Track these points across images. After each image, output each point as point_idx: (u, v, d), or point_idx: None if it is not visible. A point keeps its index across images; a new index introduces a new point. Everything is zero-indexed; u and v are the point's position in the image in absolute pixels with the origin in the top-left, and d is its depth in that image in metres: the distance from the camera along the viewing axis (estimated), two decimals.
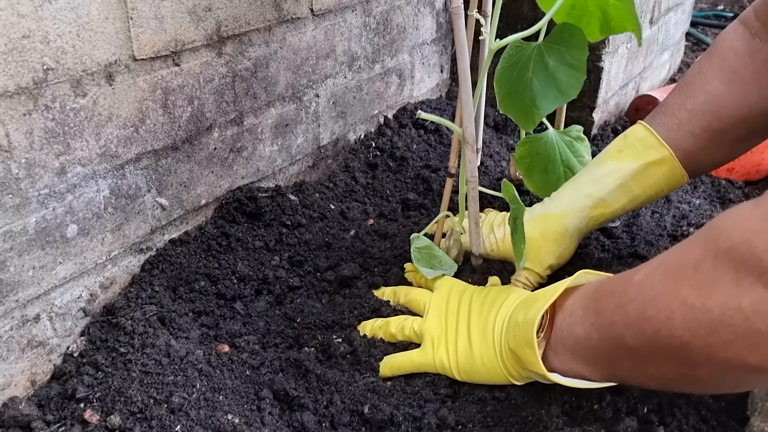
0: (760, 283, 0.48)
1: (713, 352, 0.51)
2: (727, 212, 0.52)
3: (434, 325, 0.80)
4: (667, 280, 0.55)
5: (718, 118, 0.84)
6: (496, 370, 0.73)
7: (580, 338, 0.63)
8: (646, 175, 0.88)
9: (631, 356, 0.59)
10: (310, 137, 1.11)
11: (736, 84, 0.82)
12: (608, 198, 0.89)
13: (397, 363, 0.78)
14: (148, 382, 0.70)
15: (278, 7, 0.94)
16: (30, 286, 0.71)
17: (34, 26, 0.64)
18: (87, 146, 0.73)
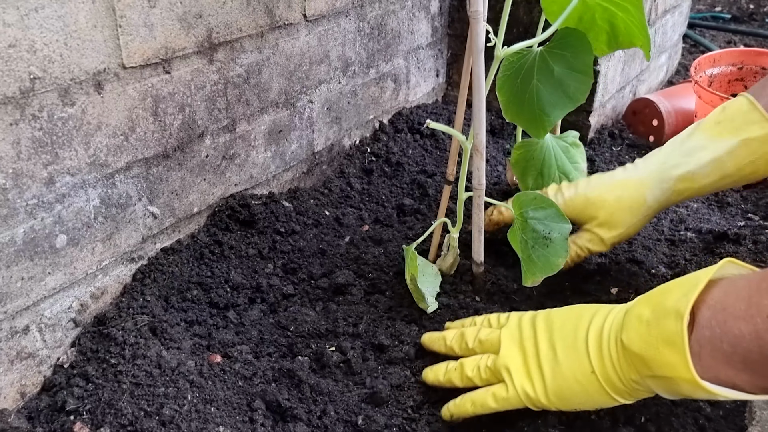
0: None
1: None
2: None
3: (510, 356, 0.69)
4: None
5: None
6: (594, 387, 0.62)
7: (742, 336, 0.53)
8: (745, 152, 0.80)
9: None
10: (305, 143, 1.10)
11: None
12: (698, 172, 0.82)
13: (478, 399, 0.69)
14: (139, 394, 0.69)
15: (270, 13, 0.93)
16: (19, 297, 0.70)
17: (21, 35, 0.64)
18: (76, 155, 0.73)
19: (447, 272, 0.93)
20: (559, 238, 0.78)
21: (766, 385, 0.54)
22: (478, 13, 0.72)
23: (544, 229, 0.79)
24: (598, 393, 0.63)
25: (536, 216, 0.80)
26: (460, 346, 0.75)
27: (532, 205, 0.81)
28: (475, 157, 0.81)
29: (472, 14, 0.72)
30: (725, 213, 1.26)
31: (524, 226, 0.80)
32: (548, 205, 0.80)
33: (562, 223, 0.79)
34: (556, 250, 0.77)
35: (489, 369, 0.69)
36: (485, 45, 0.75)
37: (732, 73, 1.50)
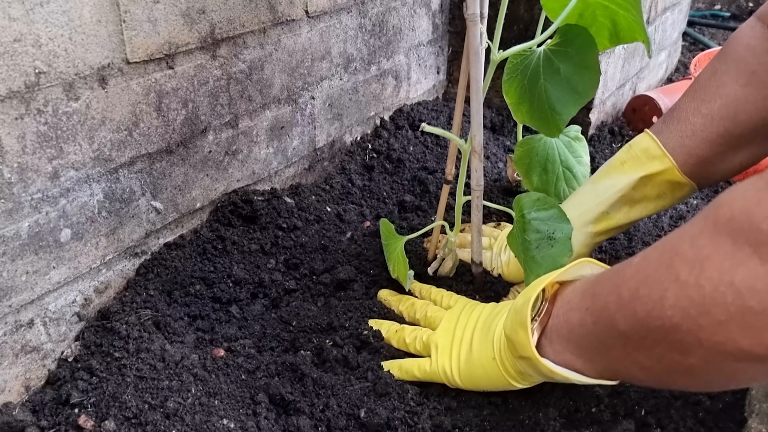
0: (756, 256, 0.45)
1: (704, 336, 0.48)
2: (730, 187, 0.50)
3: (442, 336, 0.78)
4: (663, 257, 0.52)
5: (735, 123, 0.79)
6: (494, 372, 0.70)
7: (574, 325, 0.61)
8: (648, 185, 0.85)
9: (622, 343, 0.56)
10: (306, 139, 1.10)
11: (755, 86, 0.78)
12: (611, 211, 0.87)
13: (405, 366, 0.78)
14: (143, 387, 0.70)
15: (273, 9, 0.94)
16: (23, 291, 0.71)
17: (26, 30, 0.64)
18: (80, 150, 0.73)
19: (446, 275, 0.94)
20: (563, 238, 0.78)
21: (597, 367, 0.60)
22: (475, 16, 0.72)
23: (548, 229, 0.79)
24: (497, 377, 0.70)
25: (539, 217, 0.80)
26: (408, 314, 0.86)
27: (534, 206, 0.81)
28: (474, 159, 0.82)
29: (468, 17, 0.72)
30: None
31: (526, 228, 0.80)
32: (551, 206, 0.80)
33: (565, 224, 0.80)
34: (561, 250, 0.78)
35: (423, 342, 0.79)
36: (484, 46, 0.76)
37: None
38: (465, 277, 0.94)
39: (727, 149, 0.81)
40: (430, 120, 1.35)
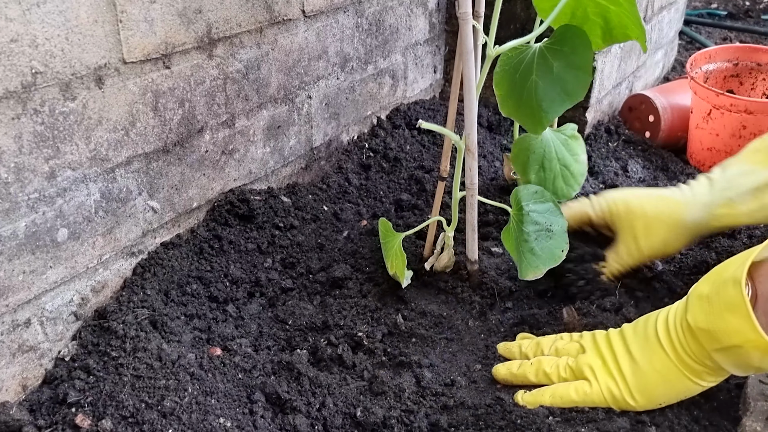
0: None
1: None
2: None
3: (593, 357, 0.73)
4: None
5: None
6: (673, 373, 0.66)
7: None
8: None
9: None
10: (303, 139, 1.11)
11: None
12: (737, 199, 0.83)
13: (560, 392, 0.72)
14: (140, 387, 0.70)
15: (269, 9, 0.94)
16: (20, 291, 0.71)
17: (23, 30, 0.64)
18: (77, 150, 0.73)
19: (442, 271, 0.94)
20: (560, 231, 0.79)
21: None
22: (467, 14, 0.73)
23: (546, 222, 0.79)
24: (677, 379, 0.66)
25: (537, 209, 0.80)
26: (534, 353, 0.78)
27: (532, 198, 0.82)
28: (468, 157, 0.82)
29: (460, 15, 0.73)
30: None
31: (524, 220, 0.80)
32: (548, 199, 0.81)
33: (560, 218, 0.80)
34: (558, 242, 0.78)
35: (570, 368, 0.73)
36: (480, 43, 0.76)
37: (727, 69, 1.50)
38: (461, 273, 0.94)
39: None
40: (426, 119, 1.35)
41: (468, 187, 0.84)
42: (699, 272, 1.01)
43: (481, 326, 0.88)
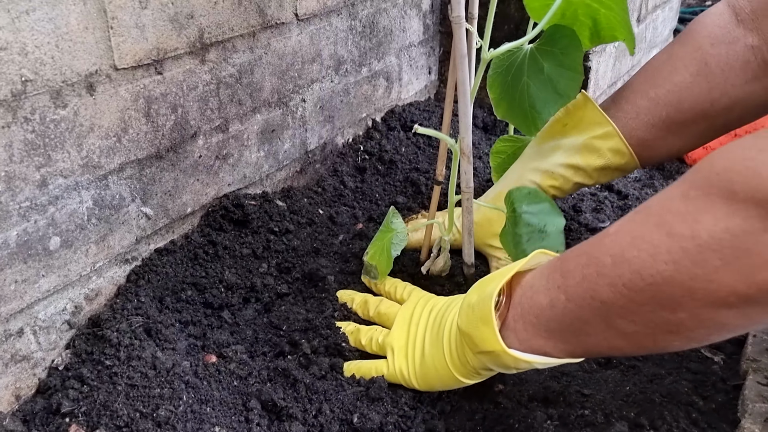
0: (752, 204, 0.47)
1: (698, 285, 0.50)
2: (718, 149, 0.51)
3: (397, 337, 0.78)
4: (651, 217, 0.54)
5: (679, 110, 0.81)
6: (445, 372, 0.71)
7: (543, 307, 0.61)
8: (592, 148, 0.86)
9: (603, 313, 0.56)
10: (297, 142, 1.10)
11: (703, 76, 0.78)
12: (555, 170, 0.88)
13: (363, 369, 0.78)
14: (134, 396, 0.70)
15: (262, 13, 0.93)
16: (12, 300, 0.70)
17: (12, 38, 0.64)
18: (68, 157, 0.73)
19: (438, 274, 0.94)
20: (555, 231, 0.78)
21: (570, 346, 0.61)
22: (460, 18, 0.72)
23: (539, 223, 0.79)
24: (447, 376, 0.71)
25: (530, 210, 0.80)
26: (363, 311, 0.86)
27: (525, 200, 0.81)
28: (462, 161, 0.82)
29: (453, 20, 0.73)
30: None
31: (517, 221, 0.80)
32: (542, 200, 0.81)
33: (556, 217, 0.80)
34: (553, 243, 0.78)
35: (378, 344, 0.79)
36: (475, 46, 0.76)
37: None
38: (457, 278, 0.94)
39: (668, 134, 0.83)
40: (422, 120, 1.34)
41: (463, 191, 0.83)
42: None
43: None
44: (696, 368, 0.81)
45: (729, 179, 0.49)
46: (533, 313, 0.62)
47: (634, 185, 1.31)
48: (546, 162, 0.89)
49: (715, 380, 0.79)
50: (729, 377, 0.79)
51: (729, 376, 0.80)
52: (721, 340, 0.62)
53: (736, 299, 0.49)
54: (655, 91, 0.82)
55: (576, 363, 0.81)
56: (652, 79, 0.83)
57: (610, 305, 0.56)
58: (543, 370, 0.80)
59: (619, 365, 0.83)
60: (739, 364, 0.81)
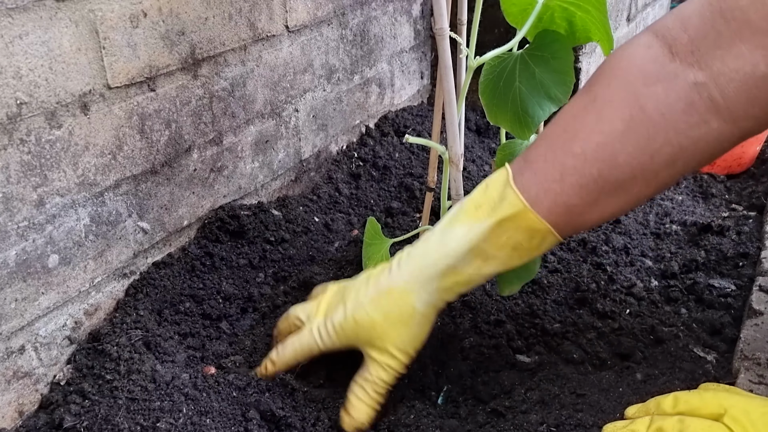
0: None
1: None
2: None
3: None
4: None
5: (613, 166, 0.65)
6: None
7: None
8: (499, 232, 0.68)
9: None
10: (292, 151, 1.11)
11: (639, 123, 0.63)
12: (459, 264, 0.70)
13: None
14: (135, 409, 0.71)
15: (253, 26, 0.95)
16: (13, 318, 0.72)
17: (6, 62, 0.65)
18: (65, 176, 0.74)
19: None
20: None
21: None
22: (444, 30, 0.73)
23: None
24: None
25: None
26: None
27: None
28: (452, 169, 0.83)
29: (437, 31, 0.74)
30: (709, 204, 1.28)
31: None
32: None
33: None
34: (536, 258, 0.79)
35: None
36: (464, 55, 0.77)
37: None
38: None
39: (600, 196, 0.67)
40: (415, 125, 1.36)
41: (453, 198, 0.85)
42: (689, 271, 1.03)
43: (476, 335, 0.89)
44: (689, 368, 0.82)
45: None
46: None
47: None
48: (448, 255, 0.71)
49: (707, 379, 0.80)
50: (721, 376, 0.80)
51: (721, 374, 0.81)
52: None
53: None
54: (581, 146, 0.65)
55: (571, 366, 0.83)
56: (575, 129, 0.67)
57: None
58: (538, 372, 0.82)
59: (614, 366, 0.84)
60: (732, 363, 0.82)
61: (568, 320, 0.90)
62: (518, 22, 0.83)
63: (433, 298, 0.72)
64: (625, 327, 0.89)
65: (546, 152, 0.68)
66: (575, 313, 0.92)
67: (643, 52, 0.65)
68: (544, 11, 0.82)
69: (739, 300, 0.94)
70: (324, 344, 0.74)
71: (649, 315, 0.92)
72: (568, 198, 0.66)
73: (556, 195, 0.66)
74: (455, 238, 0.70)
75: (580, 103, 0.68)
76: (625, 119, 0.64)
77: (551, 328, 0.89)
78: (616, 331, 0.88)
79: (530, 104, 0.83)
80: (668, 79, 0.63)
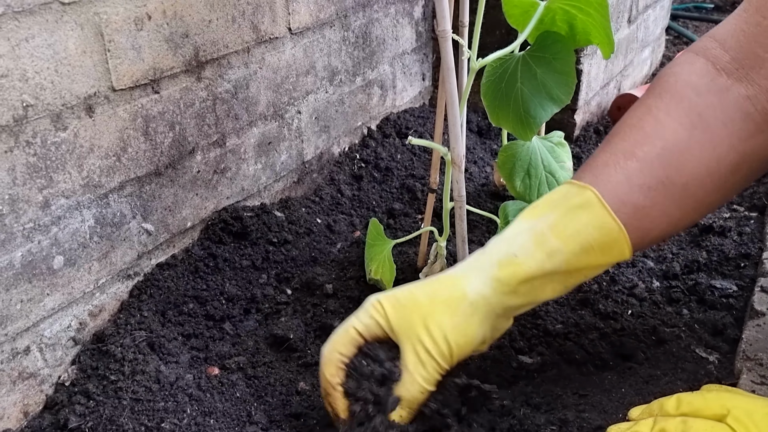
0: None
1: None
2: None
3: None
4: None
5: (679, 171, 0.66)
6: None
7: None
8: (566, 220, 0.66)
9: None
10: (294, 153, 1.12)
11: (701, 130, 0.65)
12: (519, 253, 0.66)
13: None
14: (139, 410, 0.71)
15: (256, 29, 0.95)
16: (19, 319, 0.72)
17: (12, 65, 0.65)
18: (70, 178, 0.74)
19: None
20: None
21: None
22: (446, 33, 0.74)
23: None
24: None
25: None
26: None
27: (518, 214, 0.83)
28: (454, 170, 0.83)
29: (439, 33, 0.74)
30: None
31: None
32: None
33: None
34: None
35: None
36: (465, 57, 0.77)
37: None
38: None
39: (667, 200, 0.66)
40: (417, 127, 1.36)
41: (456, 199, 0.85)
42: (690, 271, 1.03)
43: None
44: (691, 368, 0.82)
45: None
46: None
47: None
48: (510, 245, 0.68)
49: (710, 380, 0.80)
50: (724, 376, 0.81)
51: (724, 375, 0.81)
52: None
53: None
54: (643, 150, 0.66)
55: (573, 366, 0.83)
56: (635, 137, 0.67)
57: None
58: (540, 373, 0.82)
59: (616, 367, 0.84)
60: (734, 364, 0.82)
61: (571, 321, 0.91)
62: (520, 24, 0.84)
63: (488, 290, 0.66)
64: (627, 328, 0.89)
65: (608, 159, 0.67)
66: (577, 314, 0.92)
67: (688, 68, 0.68)
68: (546, 13, 0.82)
69: (740, 301, 0.94)
70: (366, 327, 0.68)
71: (651, 316, 0.92)
72: (636, 199, 0.65)
73: (624, 195, 0.65)
74: (514, 225, 0.69)
75: (635, 115, 0.69)
76: (686, 126, 0.66)
77: (553, 328, 0.89)
78: (618, 332, 0.89)
79: (532, 105, 0.84)
80: (721, 91, 0.66)
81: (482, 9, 0.81)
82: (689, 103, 0.66)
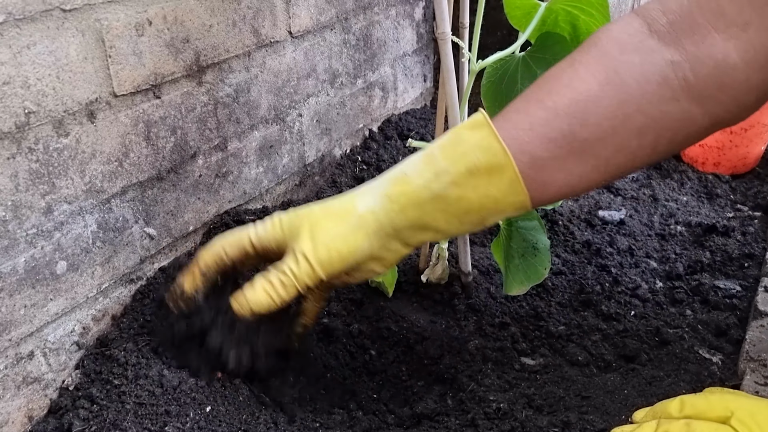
0: None
1: None
2: None
3: None
4: None
5: (583, 124, 0.64)
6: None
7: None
8: (455, 141, 0.66)
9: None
10: (296, 156, 1.12)
11: (614, 86, 0.64)
12: (409, 171, 0.67)
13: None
14: (143, 414, 0.71)
15: (256, 33, 0.95)
16: (22, 324, 0.72)
17: (14, 72, 0.66)
18: (72, 184, 0.74)
19: (437, 282, 0.95)
20: (544, 249, 0.80)
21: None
22: (446, 35, 0.74)
23: (532, 239, 0.81)
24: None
25: (524, 226, 0.82)
26: None
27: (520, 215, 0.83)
28: None
29: (439, 36, 0.74)
30: (714, 205, 1.28)
31: (512, 236, 0.82)
32: (533, 217, 0.82)
33: (543, 236, 0.81)
34: (542, 260, 0.79)
35: None
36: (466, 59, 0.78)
37: None
38: (455, 287, 0.95)
39: (568, 155, 0.65)
40: (418, 128, 1.36)
41: None
42: (694, 272, 1.03)
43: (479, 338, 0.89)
44: (694, 369, 0.82)
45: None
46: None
47: (632, 185, 1.32)
48: (402, 164, 0.69)
49: (713, 381, 0.80)
50: (727, 378, 0.81)
51: (727, 376, 0.81)
52: None
53: None
54: (553, 100, 0.65)
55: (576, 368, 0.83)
56: (550, 86, 0.67)
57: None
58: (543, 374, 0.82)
59: (619, 368, 0.84)
60: (737, 365, 0.82)
61: (573, 322, 0.91)
62: (521, 25, 0.84)
63: (377, 206, 0.67)
64: (630, 329, 0.89)
65: (519, 105, 0.67)
66: (580, 315, 0.92)
67: (621, 27, 0.67)
68: (548, 14, 0.83)
69: (744, 301, 0.94)
70: (257, 235, 0.71)
71: (654, 316, 0.92)
72: (534, 148, 0.65)
73: (523, 143, 0.65)
74: (412, 153, 0.70)
75: (559, 67, 0.68)
76: (600, 81, 0.64)
77: (556, 330, 0.89)
78: (621, 333, 0.89)
79: None
80: (645, 52, 0.65)
81: (482, 10, 0.81)
82: (609, 59, 0.65)
